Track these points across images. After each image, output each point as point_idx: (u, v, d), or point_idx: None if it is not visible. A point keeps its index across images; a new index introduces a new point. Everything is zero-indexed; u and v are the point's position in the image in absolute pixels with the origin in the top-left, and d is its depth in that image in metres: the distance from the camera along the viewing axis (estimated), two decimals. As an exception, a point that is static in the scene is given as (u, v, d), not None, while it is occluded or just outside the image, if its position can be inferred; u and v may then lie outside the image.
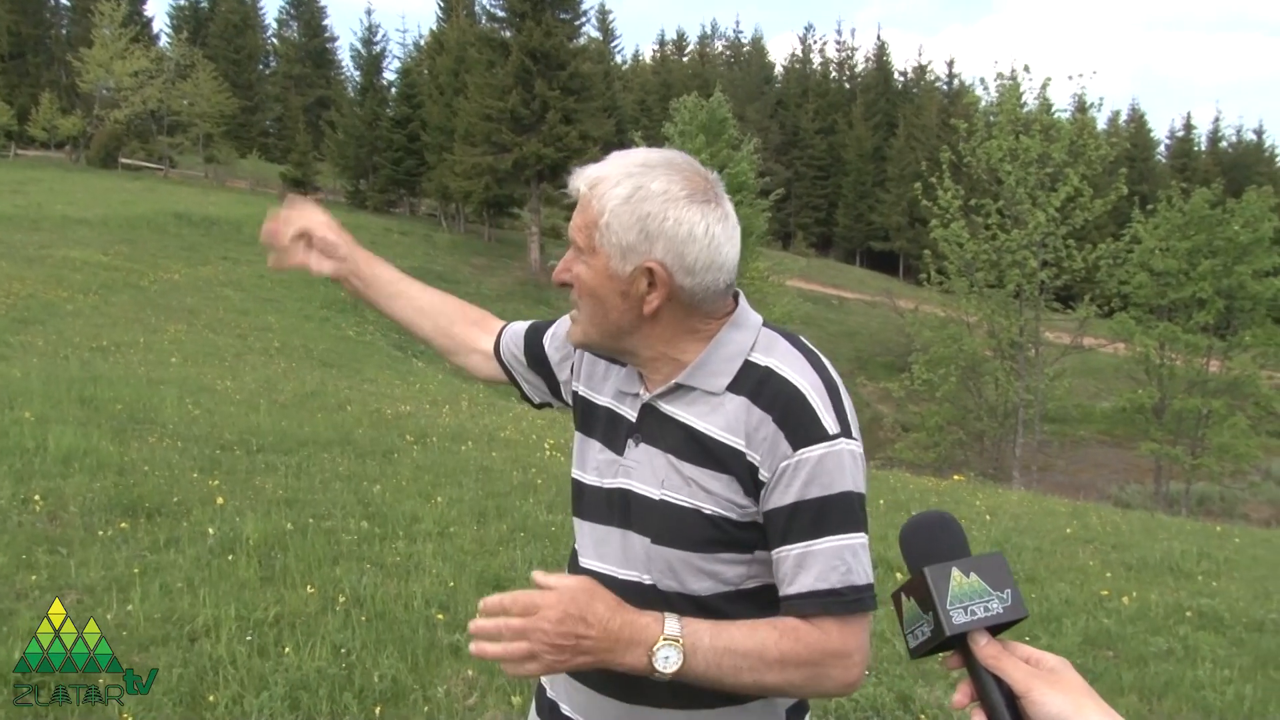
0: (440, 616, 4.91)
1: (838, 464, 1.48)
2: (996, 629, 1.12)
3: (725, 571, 1.54)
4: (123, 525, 5.87)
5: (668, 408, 1.58)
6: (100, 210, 34.57)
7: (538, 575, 1.46)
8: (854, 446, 1.51)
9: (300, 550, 5.68)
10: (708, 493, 1.51)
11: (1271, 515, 26.71)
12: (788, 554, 1.49)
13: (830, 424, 1.49)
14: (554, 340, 1.83)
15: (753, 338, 1.56)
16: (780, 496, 1.49)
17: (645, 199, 1.48)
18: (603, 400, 1.67)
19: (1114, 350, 31.12)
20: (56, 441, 7.53)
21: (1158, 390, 28.63)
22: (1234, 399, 27.75)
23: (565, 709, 1.67)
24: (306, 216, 1.90)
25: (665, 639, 1.42)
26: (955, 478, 16.48)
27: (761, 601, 1.54)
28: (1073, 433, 33.23)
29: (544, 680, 1.74)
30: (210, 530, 5.84)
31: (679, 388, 1.56)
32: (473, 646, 1.43)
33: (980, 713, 1.09)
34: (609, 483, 1.61)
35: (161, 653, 4.04)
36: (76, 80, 55.71)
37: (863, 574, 1.48)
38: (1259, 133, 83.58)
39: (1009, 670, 1.08)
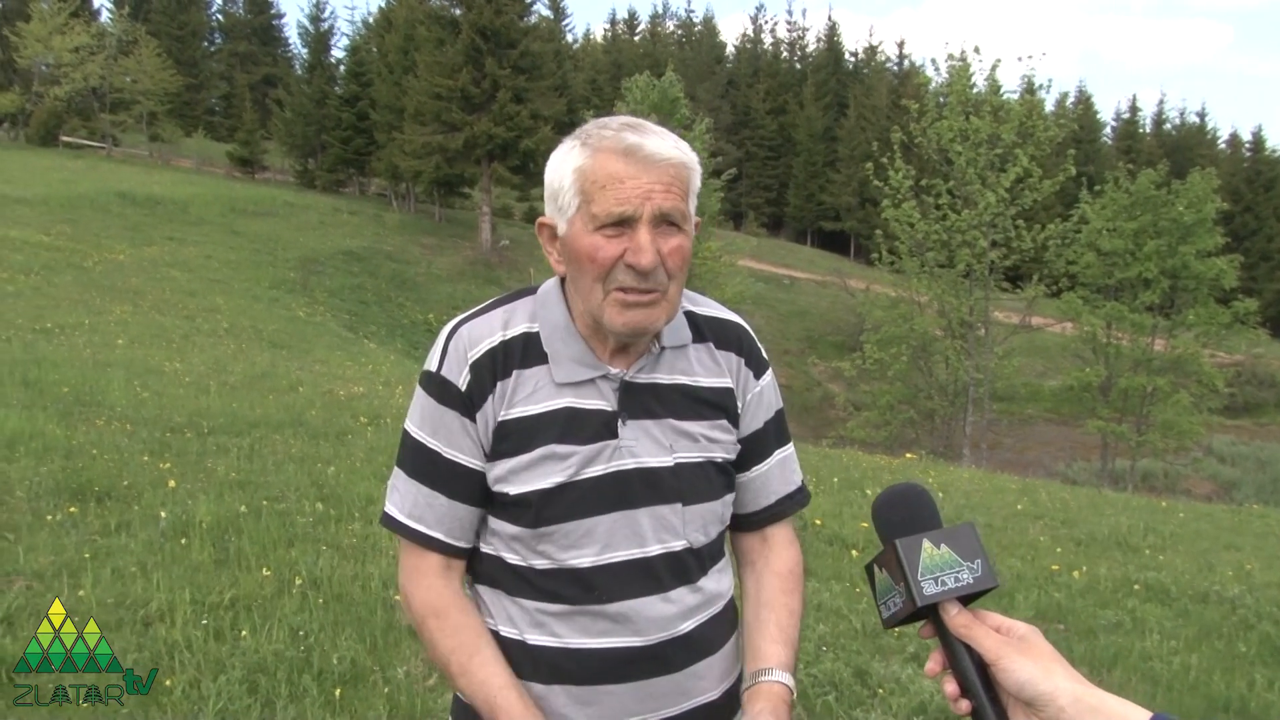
0: (398, 598, 4.88)
1: (775, 386, 1.74)
2: (968, 598, 1.13)
3: (726, 511, 1.69)
4: (71, 509, 5.78)
5: (649, 377, 1.60)
6: (40, 189, 33.79)
7: None
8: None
9: (254, 533, 5.63)
10: (714, 442, 1.63)
11: (1213, 491, 27.26)
12: (769, 465, 1.72)
13: (765, 354, 1.74)
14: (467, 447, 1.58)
15: None
16: (752, 421, 1.69)
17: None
18: (545, 407, 1.55)
19: (1061, 329, 31.53)
20: (0, 425, 7.40)
21: (1104, 369, 28.99)
22: (1178, 377, 28.20)
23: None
24: None
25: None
26: (907, 456, 16.65)
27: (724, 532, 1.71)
28: (1020, 411, 33.70)
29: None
30: (162, 513, 5.76)
31: (663, 351, 1.60)
32: None
33: (952, 681, 1.11)
34: (598, 471, 1.55)
35: (116, 638, 3.97)
36: (14, 56, 54.28)
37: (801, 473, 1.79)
38: (1201, 116, 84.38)
39: (980, 639, 1.09)
